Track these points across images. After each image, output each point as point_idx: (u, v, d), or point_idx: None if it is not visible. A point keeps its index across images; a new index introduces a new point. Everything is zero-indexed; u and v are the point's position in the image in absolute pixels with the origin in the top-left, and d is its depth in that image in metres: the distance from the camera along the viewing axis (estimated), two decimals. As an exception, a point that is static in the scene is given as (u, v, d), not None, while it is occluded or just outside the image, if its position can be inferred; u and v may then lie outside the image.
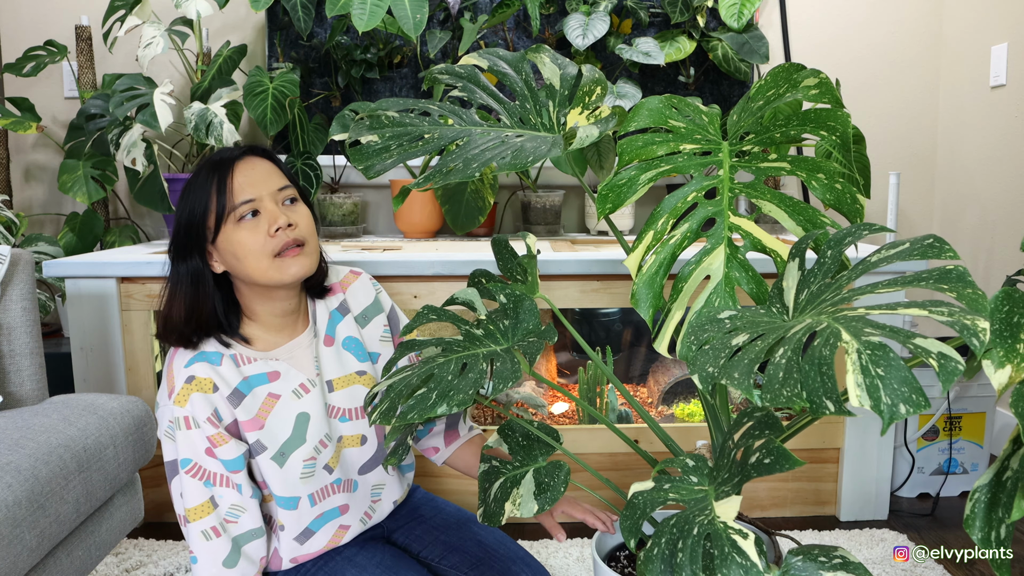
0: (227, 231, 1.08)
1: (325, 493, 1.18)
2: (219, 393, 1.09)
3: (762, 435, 0.84)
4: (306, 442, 1.14)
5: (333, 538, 1.19)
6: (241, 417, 1.11)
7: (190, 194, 1.10)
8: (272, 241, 1.07)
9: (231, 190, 1.07)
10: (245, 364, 1.13)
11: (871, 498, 1.91)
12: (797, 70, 1.10)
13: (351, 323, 1.24)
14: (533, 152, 1.11)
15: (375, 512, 1.25)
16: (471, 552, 1.23)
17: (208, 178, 1.08)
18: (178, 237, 1.10)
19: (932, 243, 0.82)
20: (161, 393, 1.12)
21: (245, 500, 1.10)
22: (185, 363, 1.09)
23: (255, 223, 1.08)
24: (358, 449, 1.22)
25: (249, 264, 1.08)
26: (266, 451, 1.12)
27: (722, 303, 1.03)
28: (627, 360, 2.40)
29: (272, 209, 1.09)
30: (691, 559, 0.76)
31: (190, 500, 1.08)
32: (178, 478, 1.09)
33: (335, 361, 1.20)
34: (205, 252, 1.10)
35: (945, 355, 0.66)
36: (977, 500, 0.78)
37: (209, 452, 1.08)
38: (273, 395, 1.13)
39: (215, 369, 1.09)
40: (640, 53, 2.30)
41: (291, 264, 1.09)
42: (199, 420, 1.07)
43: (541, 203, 2.44)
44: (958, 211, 2.58)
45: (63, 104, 2.58)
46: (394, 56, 2.50)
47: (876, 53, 2.66)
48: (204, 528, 1.08)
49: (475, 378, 0.98)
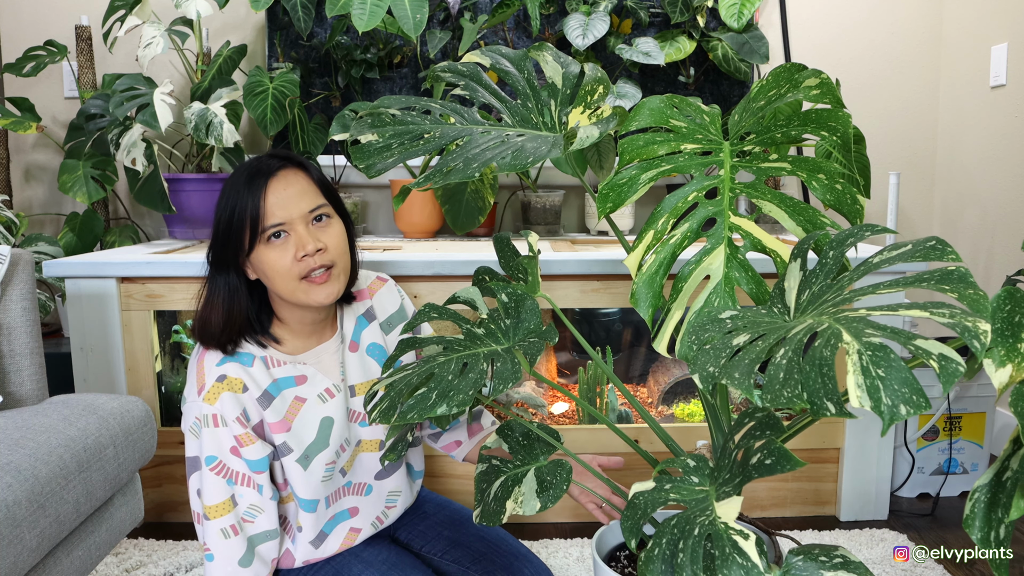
0: (259, 249, 1.09)
1: (338, 495, 1.20)
2: (248, 394, 1.09)
3: (763, 436, 0.84)
4: (329, 446, 1.15)
5: (345, 541, 1.20)
6: (269, 419, 1.11)
7: (226, 203, 1.09)
8: (299, 265, 1.08)
9: (263, 212, 1.07)
10: (275, 367, 1.13)
11: (871, 498, 1.91)
12: (799, 70, 1.10)
13: (376, 330, 1.25)
14: (533, 152, 1.11)
15: (387, 517, 1.26)
16: (473, 547, 1.24)
17: (243, 193, 1.08)
18: (216, 245, 1.11)
19: (934, 245, 0.82)
20: (189, 389, 1.12)
21: (264, 501, 1.11)
22: (217, 361, 1.10)
23: (284, 244, 1.08)
24: (376, 454, 1.22)
25: (277, 284, 1.09)
26: (292, 453, 1.12)
27: (722, 303, 1.03)
28: (627, 360, 2.40)
29: (302, 233, 1.08)
30: (692, 559, 0.76)
31: (211, 498, 1.08)
32: (198, 474, 1.10)
33: (359, 367, 1.21)
34: (240, 264, 1.11)
35: (946, 356, 0.66)
36: (977, 500, 0.78)
37: (234, 451, 1.08)
38: (300, 398, 1.14)
39: (246, 370, 1.10)
40: (640, 53, 2.30)
41: (318, 291, 1.10)
42: (227, 419, 1.08)
43: (541, 203, 2.44)
44: (958, 211, 2.58)
45: (63, 104, 2.58)
46: (394, 56, 2.50)
47: (876, 53, 2.66)
48: (223, 526, 1.08)
49: (475, 378, 0.98)
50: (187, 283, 1.79)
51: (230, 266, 1.10)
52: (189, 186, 2.23)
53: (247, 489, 1.09)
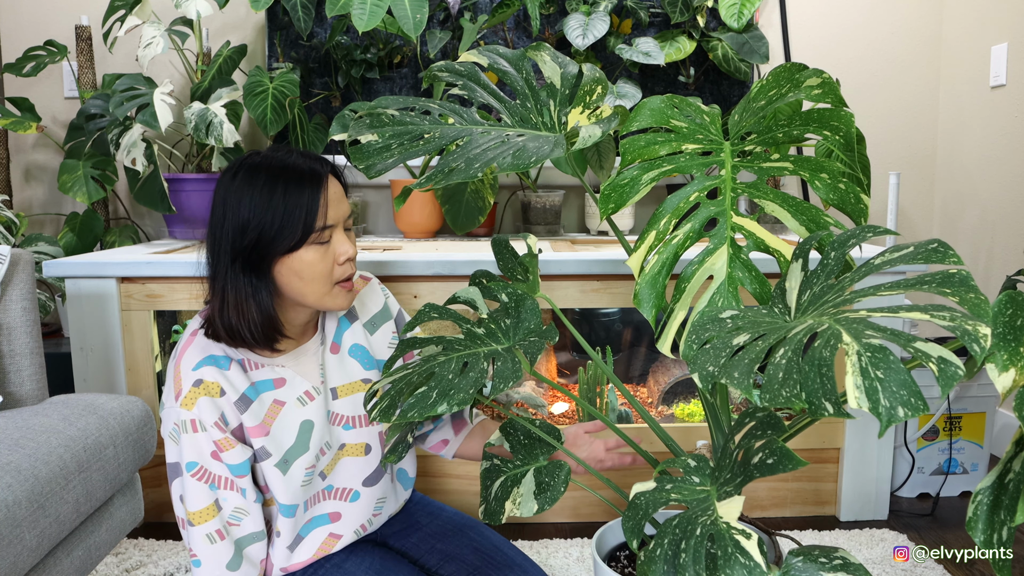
0: (300, 251, 1.06)
1: (316, 499, 1.17)
2: (226, 398, 1.07)
3: (764, 435, 0.84)
4: (309, 450, 1.13)
5: (322, 546, 1.18)
6: (248, 423, 1.09)
7: (267, 199, 1.04)
8: (338, 270, 1.09)
9: (322, 210, 1.05)
10: (252, 369, 1.11)
11: (871, 498, 1.91)
12: (799, 70, 1.10)
13: (359, 330, 1.23)
14: (535, 152, 1.11)
15: (371, 524, 1.24)
16: (468, 560, 1.22)
17: (297, 190, 1.04)
18: (245, 245, 1.05)
19: (936, 247, 0.82)
20: (167, 394, 1.10)
21: (248, 504, 1.09)
22: (193, 366, 1.08)
23: (325, 248, 1.07)
24: (362, 459, 1.20)
25: (309, 286, 1.07)
26: (271, 458, 1.10)
27: (725, 303, 1.03)
28: (627, 360, 2.40)
29: (341, 237, 1.09)
30: (694, 559, 0.76)
31: (194, 504, 1.07)
32: (180, 480, 1.08)
33: (339, 368, 1.19)
34: (273, 266, 1.06)
35: (945, 359, 0.66)
36: (980, 502, 0.78)
37: (215, 455, 1.07)
38: (279, 401, 1.12)
39: (223, 373, 1.08)
40: (640, 53, 2.30)
41: (346, 297, 1.11)
42: (206, 424, 1.06)
43: (541, 203, 2.44)
44: (958, 211, 2.58)
45: (63, 104, 2.58)
46: (394, 56, 2.50)
47: (876, 53, 2.66)
48: (209, 531, 1.07)
49: (476, 377, 0.98)
50: (187, 283, 1.79)
51: (261, 268, 1.06)
52: (189, 186, 2.23)
53: (230, 492, 1.07)
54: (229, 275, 1.06)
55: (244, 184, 1.05)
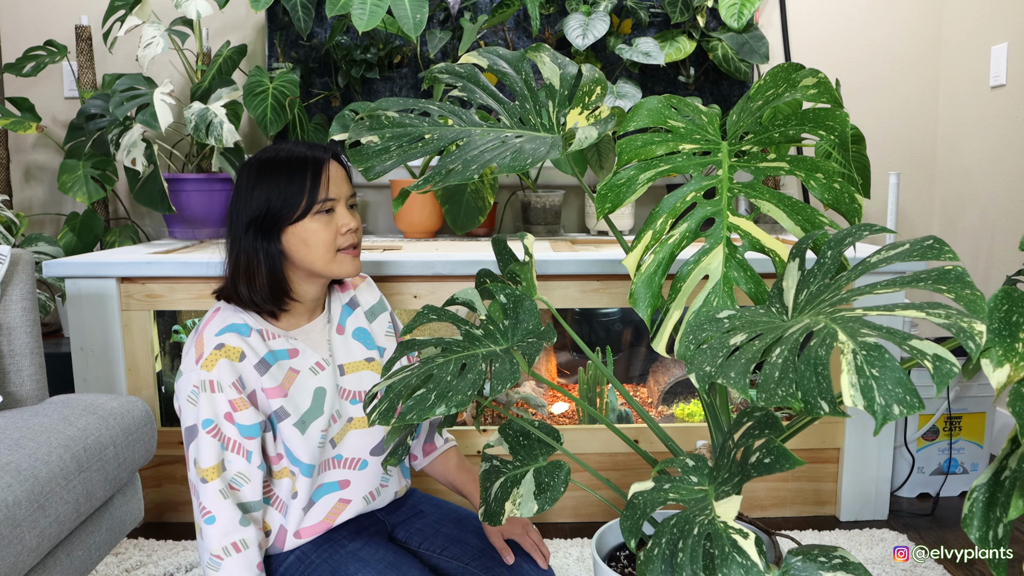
0: (306, 220, 1.19)
1: (326, 466, 1.25)
2: (246, 361, 1.16)
3: (762, 435, 0.84)
4: (323, 414, 1.22)
5: (332, 512, 1.25)
6: (267, 384, 1.17)
7: (276, 179, 1.18)
8: (341, 239, 1.21)
9: (323, 186, 1.19)
10: (270, 339, 1.21)
11: (871, 498, 1.91)
12: (796, 70, 1.10)
13: (361, 316, 1.34)
14: (533, 153, 1.11)
15: (380, 495, 1.31)
16: (472, 544, 1.27)
17: (301, 170, 1.19)
18: (257, 215, 1.19)
19: (932, 244, 0.82)
20: (187, 360, 1.17)
21: (252, 470, 1.15)
22: (216, 332, 1.17)
23: (328, 219, 1.20)
24: (368, 431, 1.28)
25: (315, 252, 1.19)
26: (289, 417, 1.19)
27: (720, 303, 1.03)
28: (627, 360, 2.40)
29: (344, 211, 1.22)
30: (692, 559, 0.76)
31: (206, 460, 1.13)
32: (195, 442, 1.14)
33: (344, 348, 1.29)
34: (282, 233, 1.19)
35: (940, 357, 0.66)
36: (975, 499, 0.78)
37: (228, 417, 1.14)
38: (294, 369, 1.22)
39: (244, 340, 1.17)
40: (640, 53, 2.30)
41: (348, 263, 1.23)
42: (223, 384, 1.14)
43: (541, 203, 2.44)
44: (958, 211, 2.58)
45: (63, 104, 2.58)
46: (394, 56, 2.50)
47: (876, 53, 2.66)
48: (222, 487, 1.13)
49: (474, 379, 0.98)
50: (187, 283, 1.79)
51: (273, 234, 1.19)
52: (189, 186, 2.23)
53: (236, 456, 1.15)
54: (243, 242, 1.19)
55: (258, 171, 1.20)
